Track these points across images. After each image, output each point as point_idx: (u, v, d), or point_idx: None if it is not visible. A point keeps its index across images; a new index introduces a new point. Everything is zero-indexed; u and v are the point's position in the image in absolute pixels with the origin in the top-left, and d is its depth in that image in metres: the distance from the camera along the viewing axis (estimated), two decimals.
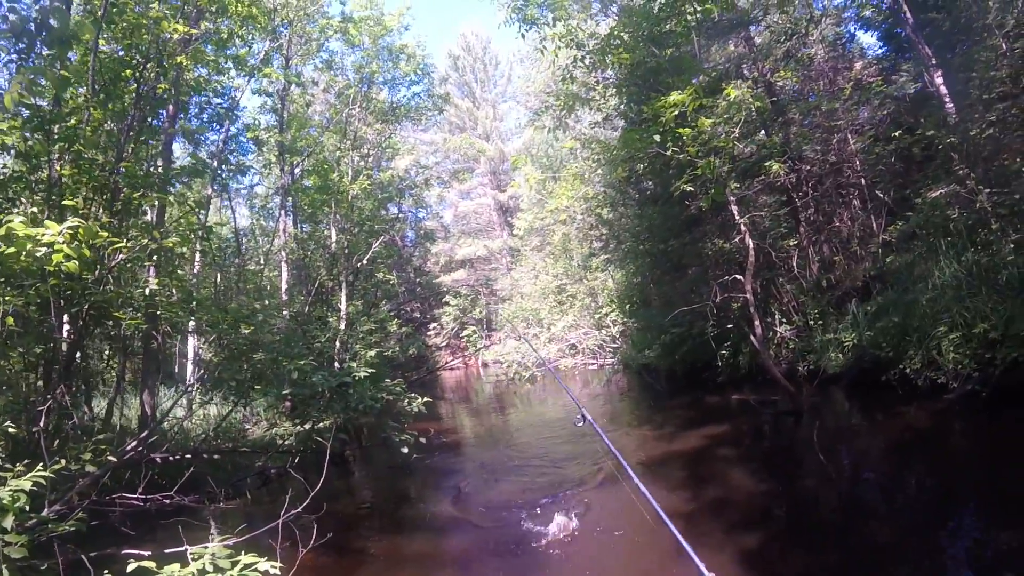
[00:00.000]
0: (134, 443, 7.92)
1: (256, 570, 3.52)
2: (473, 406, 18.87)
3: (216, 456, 9.81)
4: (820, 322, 12.29)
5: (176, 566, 3.46)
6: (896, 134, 12.26)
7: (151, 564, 3.36)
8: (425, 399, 11.14)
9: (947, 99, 11.57)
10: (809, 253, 13.37)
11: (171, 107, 11.46)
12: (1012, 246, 9.02)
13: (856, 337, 11.07)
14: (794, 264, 13.16)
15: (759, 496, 7.07)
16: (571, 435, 10.97)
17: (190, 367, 17.37)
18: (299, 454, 10.07)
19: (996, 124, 10.20)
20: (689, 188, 10.18)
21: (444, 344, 39.29)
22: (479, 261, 45.05)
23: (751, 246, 10.77)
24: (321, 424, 10.26)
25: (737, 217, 10.94)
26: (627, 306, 19.46)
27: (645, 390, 15.66)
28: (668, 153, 9.79)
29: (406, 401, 11.44)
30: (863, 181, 13.62)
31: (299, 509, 5.33)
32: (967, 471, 6.90)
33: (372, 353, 14.64)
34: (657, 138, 9.65)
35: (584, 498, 7.58)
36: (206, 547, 3.77)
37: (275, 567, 3.55)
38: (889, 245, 12.60)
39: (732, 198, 10.84)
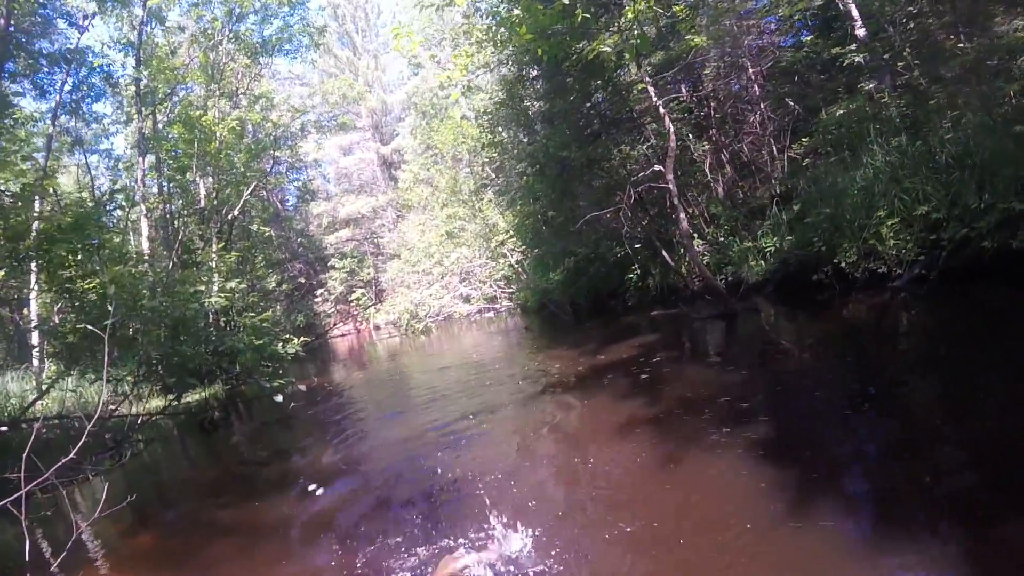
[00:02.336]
0: None
1: None
2: (364, 363, 17.12)
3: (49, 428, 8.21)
4: (732, 236, 11.55)
5: None
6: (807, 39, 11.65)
7: None
8: (304, 340, 9.52)
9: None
10: (719, 162, 12.54)
11: None
12: (949, 124, 8.41)
13: (778, 242, 10.33)
14: (707, 172, 12.25)
15: (698, 401, 5.68)
16: (467, 376, 9.75)
17: (36, 339, 14.59)
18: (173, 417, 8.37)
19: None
20: (607, 48, 8.87)
21: (333, 310, 37.33)
22: (364, 219, 42.68)
23: (671, 130, 9.77)
24: (200, 396, 8.63)
25: (655, 99, 9.86)
26: (525, 235, 18.21)
27: (548, 324, 14.55)
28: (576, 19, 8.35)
29: (280, 345, 9.88)
30: (766, 95, 12.93)
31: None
32: (921, 353, 6.06)
33: (253, 315, 12.73)
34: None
35: (484, 428, 6.25)
36: None
37: None
38: (798, 155, 11.99)
39: (648, 79, 9.71)
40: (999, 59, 8.80)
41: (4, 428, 7.56)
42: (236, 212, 17.35)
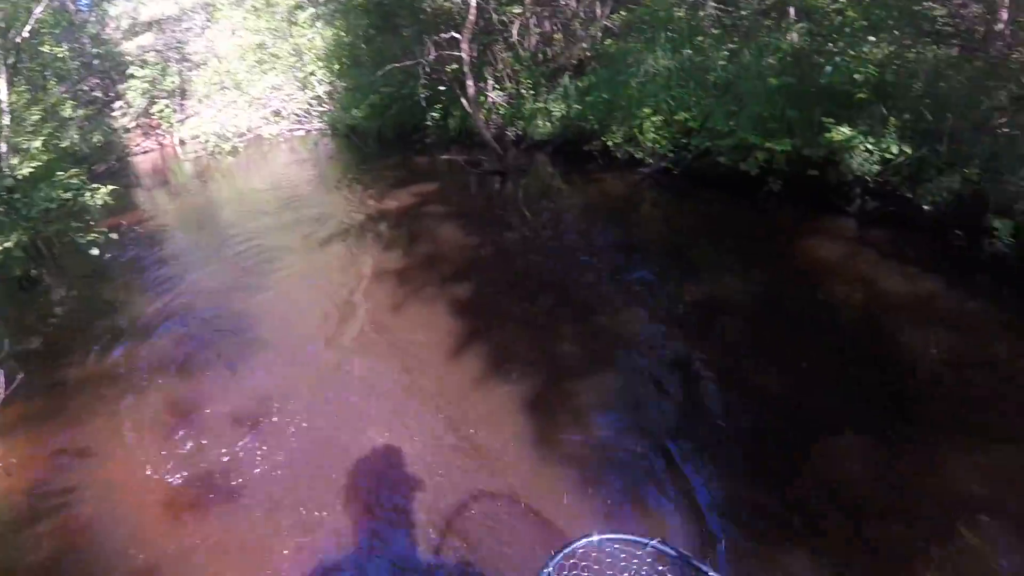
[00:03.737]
0: None
1: None
2: (172, 189, 16.36)
3: None
4: (532, 92, 12.24)
5: None
6: None
7: None
8: (112, 188, 8.98)
9: None
10: (531, 25, 12.88)
11: None
12: (727, 53, 9.45)
13: (565, 108, 11.21)
14: (514, 32, 12.60)
15: (469, 249, 7.29)
16: (274, 210, 10.14)
17: None
18: None
19: None
20: None
21: (133, 125, 33.44)
22: (169, 22, 37.63)
23: (473, 4, 9.99)
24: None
25: None
26: (336, 66, 17.74)
27: (354, 152, 14.82)
28: None
29: (87, 195, 9.24)
30: None
31: None
32: (655, 233, 7.86)
33: (38, 144, 11.34)
34: None
35: (303, 262, 7.43)
36: None
37: None
38: (609, 31, 12.61)
39: None
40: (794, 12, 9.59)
41: None
42: (26, 34, 14.94)
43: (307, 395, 4.72)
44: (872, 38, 7.37)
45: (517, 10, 12.68)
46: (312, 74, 19.24)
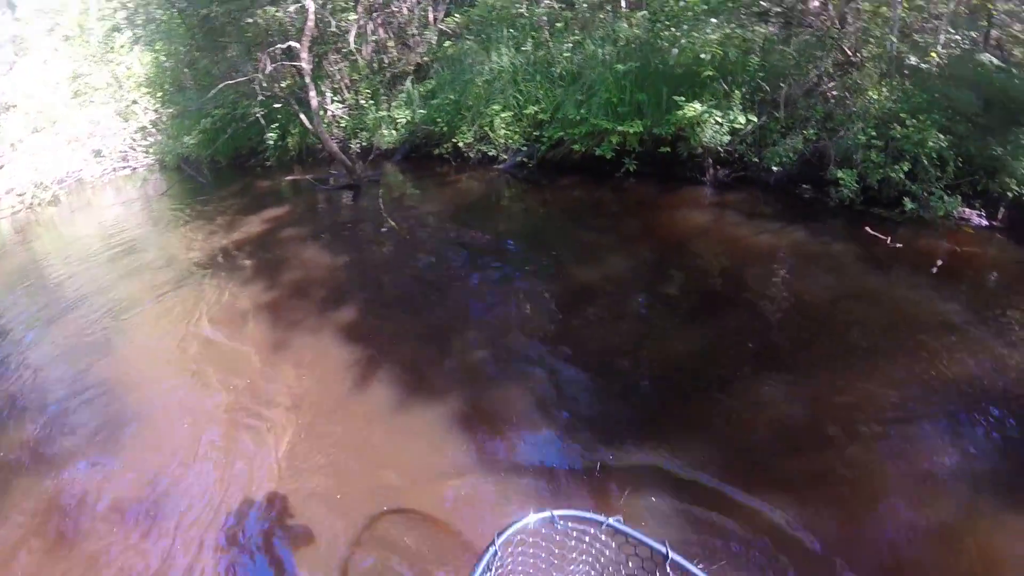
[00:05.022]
0: None
1: None
2: None
3: None
4: (372, 101, 11.84)
5: None
6: None
7: None
8: None
9: None
10: (367, 31, 12.52)
11: None
12: (570, 44, 9.55)
13: (410, 114, 10.91)
14: (351, 40, 12.18)
15: (339, 270, 6.65)
16: (117, 252, 8.87)
17: None
18: None
19: None
20: None
21: None
22: None
23: (312, 9, 9.56)
24: None
25: None
26: (159, 93, 16.36)
27: (188, 185, 13.48)
28: None
29: None
30: None
31: None
32: (522, 225, 7.67)
33: None
34: None
35: (157, 310, 6.32)
36: None
37: None
38: (445, 34, 12.53)
39: None
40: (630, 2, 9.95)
41: None
42: None
43: (195, 465, 3.88)
44: (714, 20, 7.66)
45: (353, 17, 12.28)
46: (135, 102, 17.68)
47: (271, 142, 12.36)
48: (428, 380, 4.28)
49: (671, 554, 1.42)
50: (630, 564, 1.53)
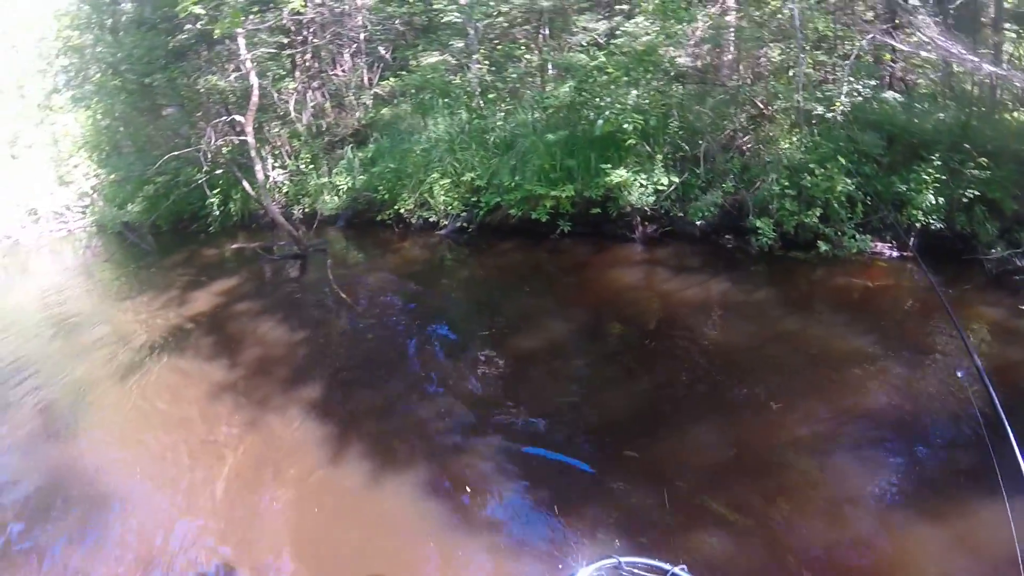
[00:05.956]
0: None
1: None
2: None
3: None
4: (312, 166, 12.13)
5: None
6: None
7: None
8: None
9: None
10: (306, 98, 12.83)
11: None
12: (503, 114, 10.14)
13: (351, 180, 11.19)
14: (291, 107, 12.46)
15: (297, 345, 6.64)
16: (63, 327, 8.61)
17: None
18: None
19: None
20: (200, 10, 8.62)
21: None
22: None
23: (256, 84, 9.84)
24: None
25: (244, 52, 9.87)
26: (97, 155, 16.08)
27: (130, 251, 13.24)
28: None
29: None
30: (362, 36, 13.53)
31: None
32: (466, 290, 8.19)
33: None
34: None
35: (115, 393, 6.01)
36: None
37: None
38: (380, 98, 12.96)
39: (241, 31, 9.50)
40: (557, 71, 10.64)
41: None
42: None
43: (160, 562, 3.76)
44: (635, 91, 8.19)
45: (293, 85, 12.57)
46: (76, 167, 17.36)
47: (214, 208, 12.37)
48: (393, 453, 4.36)
49: None
50: None
